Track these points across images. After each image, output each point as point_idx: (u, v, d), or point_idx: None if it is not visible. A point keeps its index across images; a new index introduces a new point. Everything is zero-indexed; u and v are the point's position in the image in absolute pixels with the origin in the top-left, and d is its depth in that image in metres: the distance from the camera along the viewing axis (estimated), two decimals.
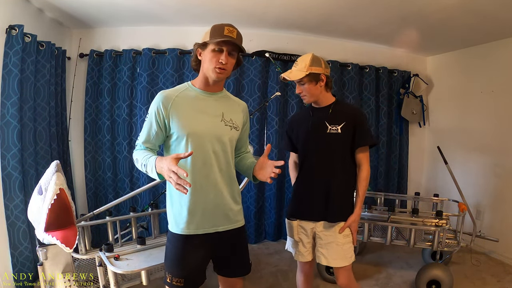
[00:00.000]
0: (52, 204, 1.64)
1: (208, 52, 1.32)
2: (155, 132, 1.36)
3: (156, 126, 1.35)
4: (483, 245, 3.22)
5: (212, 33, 1.31)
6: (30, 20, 2.47)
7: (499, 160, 3.18)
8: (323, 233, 1.73)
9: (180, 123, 1.33)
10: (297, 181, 1.85)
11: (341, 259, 1.70)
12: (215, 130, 1.38)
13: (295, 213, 1.81)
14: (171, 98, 1.34)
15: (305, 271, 1.88)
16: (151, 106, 1.37)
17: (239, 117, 1.47)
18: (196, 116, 1.36)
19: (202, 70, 1.37)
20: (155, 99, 1.36)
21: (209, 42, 1.31)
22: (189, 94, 1.38)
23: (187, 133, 1.33)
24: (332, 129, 1.69)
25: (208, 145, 1.35)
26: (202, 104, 1.38)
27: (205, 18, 3.01)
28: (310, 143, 1.75)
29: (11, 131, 2.24)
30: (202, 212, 1.38)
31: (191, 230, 1.38)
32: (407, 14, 2.69)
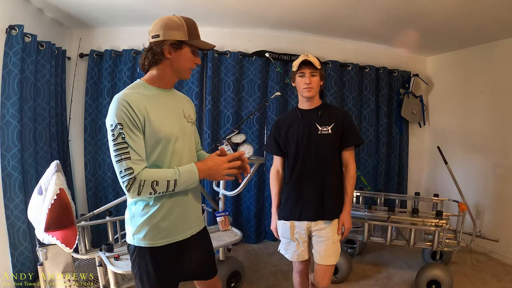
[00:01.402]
0: (52, 204, 1.65)
1: (186, 52, 1.22)
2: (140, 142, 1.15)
3: (140, 134, 1.14)
4: (483, 245, 3.22)
5: (190, 33, 1.21)
6: (30, 20, 2.47)
7: (499, 160, 3.18)
8: (320, 232, 1.76)
9: (155, 126, 1.17)
10: (289, 183, 1.81)
11: (335, 257, 1.76)
12: (183, 129, 1.29)
13: (290, 214, 1.81)
14: (139, 99, 1.16)
15: (302, 271, 1.88)
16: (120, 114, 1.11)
17: (192, 112, 1.41)
18: (167, 116, 1.24)
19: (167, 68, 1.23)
20: (119, 106, 1.11)
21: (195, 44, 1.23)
22: (150, 93, 1.23)
23: (164, 136, 1.19)
24: (323, 130, 1.74)
25: (182, 146, 1.27)
26: (164, 102, 1.26)
27: (205, 18, 3.01)
28: (301, 145, 1.76)
29: (11, 131, 2.24)
30: (181, 217, 1.28)
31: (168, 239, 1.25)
32: (407, 14, 2.69)
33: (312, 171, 1.75)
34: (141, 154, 1.14)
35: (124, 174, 1.10)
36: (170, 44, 1.19)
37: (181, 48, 1.21)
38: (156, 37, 1.20)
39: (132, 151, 1.11)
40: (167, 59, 1.21)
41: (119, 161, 1.11)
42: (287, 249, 1.86)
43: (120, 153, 1.11)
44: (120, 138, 1.11)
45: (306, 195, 1.76)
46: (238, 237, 2.41)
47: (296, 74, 1.76)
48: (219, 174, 1.24)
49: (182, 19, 1.21)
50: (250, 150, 2.39)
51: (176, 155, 1.24)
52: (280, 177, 1.91)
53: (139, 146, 1.14)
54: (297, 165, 1.78)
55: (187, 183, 1.19)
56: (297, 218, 1.78)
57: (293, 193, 1.79)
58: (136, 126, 1.13)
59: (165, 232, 1.24)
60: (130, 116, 1.11)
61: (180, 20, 1.21)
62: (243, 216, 3.47)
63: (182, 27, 1.20)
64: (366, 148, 3.72)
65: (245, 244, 3.43)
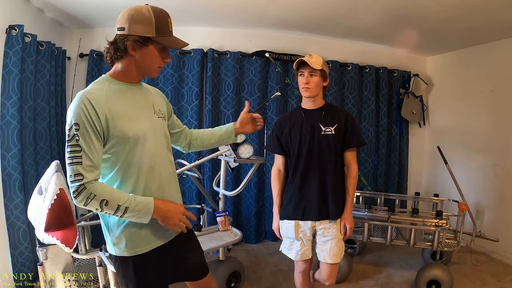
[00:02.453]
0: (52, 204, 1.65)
1: (152, 51, 1.11)
2: (96, 146, 1.04)
3: (96, 138, 1.04)
4: (483, 245, 3.22)
5: (158, 29, 1.08)
6: (30, 20, 2.47)
7: (499, 160, 3.18)
8: (324, 231, 1.78)
9: (122, 124, 1.08)
10: (292, 183, 1.81)
11: (340, 255, 1.78)
12: (155, 125, 1.20)
13: (293, 214, 1.80)
14: (103, 97, 1.07)
15: (305, 270, 1.87)
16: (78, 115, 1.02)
17: (163, 106, 1.32)
18: (135, 112, 1.14)
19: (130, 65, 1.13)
20: (79, 104, 1.02)
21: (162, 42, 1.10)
22: (116, 88, 1.13)
23: (133, 135, 1.10)
24: (326, 131, 1.75)
25: (152, 143, 1.18)
26: (132, 97, 1.16)
27: (205, 18, 3.02)
28: (304, 144, 1.76)
29: (11, 131, 2.23)
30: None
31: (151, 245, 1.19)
32: (407, 14, 2.69)
33: (314, 171, 1.76)
34: (95, 161, 1.04)
35: (74, 179, 1.02)
36: (134, 40, 1.07)
37: (147, 45, 1.09)
38: (121, 30, 1.09)
39: (84, 156, 1.02)
40: (131, 56, 1.11)
41: (70, 165, 1.02)
42: (290, 248, 1.85)
43: (71, 156, 1.02)
44: (74, 140, 1.02)
45: (309, 195, 1.76)
46: (238, 237, 2.42)
47: (298, 74, 1.80)
48: (171, 221, 1.15)
49: (151, 11, 1.08)
50: (250, 150, 2.39)
51: (146, 156, 1.15)
52: (282, 176, 1.90)
53: (94, 151, 1.04)
54: (299, 165, 1.78)
55: (139, 215, 1.08)
56: (300, 217, 1.79)
57: (296, 193, 1.79)
58: (94, 129, 1.03)
59: (146, 238, 1.18)
60: (89, 117, 1.02)
61: (148, 12, 1.07)
62: (243, 216, 3.47)
63: (149, 21, 1.07)
64: (366, 148, 3.72)
65: (245, 244, 3.43)
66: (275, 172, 1.90)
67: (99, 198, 1.02)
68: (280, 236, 1.90)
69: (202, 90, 3.30)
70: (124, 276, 1.20)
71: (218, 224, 2.53)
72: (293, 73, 3.42)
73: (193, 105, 3.22)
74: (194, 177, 2.73)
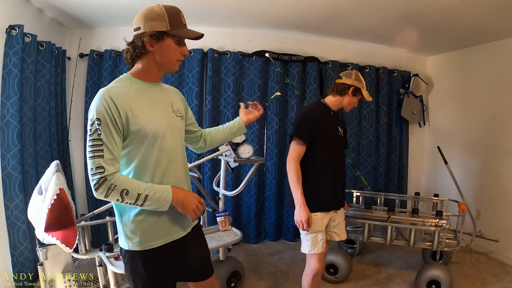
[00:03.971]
0: (52, 204, 1.65)
1: (169, 43, 1.15)
2: (116, 141, 1.09)
3: (116, 133, 1.09)
4: (483, 245, 3.22)
5: (172, 22, 1.14)
6: (30, 20, 2.47)
7: (499, 160, 3.18)
8: (336, 216, 2.02)
9: (142, 121, 1.13)
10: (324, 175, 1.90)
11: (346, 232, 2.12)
12: (172, 123, 1.25)
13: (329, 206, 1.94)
14: (124, 94, 1.12)
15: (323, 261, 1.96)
16: (100, 110, 1.06)
17: (181, 105, 1.36)
18: (153, 111, 1.18)
19: (151, 61, 1.18)
20: (100, 99, 1.08)
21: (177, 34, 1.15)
22: (137, 87, 1.18)
23: (151, 131, 1.15)
24: (341, 132, 2.03)
25: (170, 141, 1.22)
26: (152, 96, 1.21)
27: (205, 18, 3.02)
28: (333, 142, 1.96)
29: (11, 131, 2.24)
30: (173, 217, 1.23)
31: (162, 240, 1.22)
32: (407, 14, 2.69)
33: (337, 166, 1.97)
34: (115, 154, 1.09)
35: (95, 172, 1.06)
36: (150, 35, 1.12)
37: (163, 39, 1.14)
38: (138, 30, 1.14)
39: (106, 150, 1.07)
40: (150, 52, 1.16)
41: (92, 158, 1.06)
42: (315, 243, 1.86)
43: (93, 150, 1.06)
44: (96, 135, 1.06)
45: (335, 188, 1.96)
46: (238, 237, 2.41)
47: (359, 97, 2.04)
48: (189, 206, 1.18)
49: (163, 8, 1.14)
50: (250, 150, 2.39)
51: (163, 153, 1.19)
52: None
53: (114, 145, 1.08)
54: (331, 158, 1.92)
55: (158, 203, 1.11)
56: (330, 208, 1.95)
57: (327, 186, 1.91)
58: (115, 124, 1.08)
59: (158, 234, 1.21)
60: (110, 113, 1.07)
61: (161, 9, 1.14)
62: (243, 216, 3.47)
63: (163, 16, 1.13)
64: (366, 148, 3.72)
65: (245, 244, 3.43)
66: (297, 161, 1.86)
67: (120, 188, 1.06)
68: (307, 228, 1.82)
69: (202, 90, 3.30)
70: (132, 270, 1.21)
71: (218, 224, 2.53)
72: (293, 73, 3.43)
73: (193, 105, 3.22)
74: (194, 177, 2.73)
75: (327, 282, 2.62)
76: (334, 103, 2.01)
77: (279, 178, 3.47)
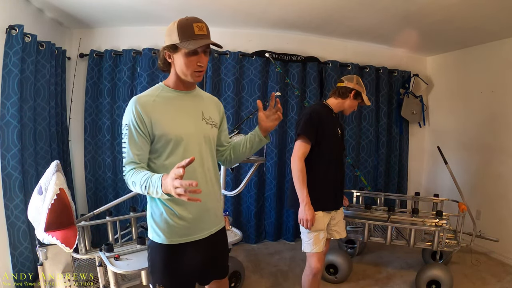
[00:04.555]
0: (52, 204, 1.65)
1: (181, 56, 1.21)
2: (141, 144, 1.21)
3: (141, 137, 1.21)
4: (483, 245, 3.22)
5: (182, 34, 1.18)
6: (30, 20, 2.47)
7: (499, 160, 3.18)
8: (336, 215, 2.06)
9: (165, 127, 1.22)
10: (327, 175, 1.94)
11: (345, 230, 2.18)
12: (200, 130, 1.31)
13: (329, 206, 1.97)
14: (149, 102, 1.23)
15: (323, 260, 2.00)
16: (128, 117, 1.21)
17: (215, 113, 1.41)
18: (179, 117, 1.27)
19: (175, 72, 1.27)
20: (130, 108, 1.21)
21: (181, 46, 1.18)
22: (166, 95, 1.28)
23: (174, 137, 1.23)
24: (340, 134, 2.06)
25: (196, 146, 1.28)
26: (181, 104, 1.30)
27: (205, 18, 2.98)
28: (335, 143, 2.00)
29: (11, 131, 2.24)
30: (198, 217, 1.30)
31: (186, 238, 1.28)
32: (407, 14, 2.69)
33: (339, 167, 2.02)
34: (136, 157, 1.20)
35: (123, 169, 1.22)
36: (166, 49, 1.24)
37: (176, 51, 1.22)
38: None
39: (128, 152, 1.20)
40: (171, 64, 1.27)
41: (122, 157, 1.22)
42: (317, 242, 1.90)
43: (122, 151, 1.22)
44: (124, 138, 1.21)
45: (337, 188, 2.01)
46: (238, 237, 2.42)
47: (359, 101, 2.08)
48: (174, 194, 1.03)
49: (176, 22, 1.21)
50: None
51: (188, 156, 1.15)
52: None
53: (137, 147, 1.20)
54: (333, 159, 1.96)
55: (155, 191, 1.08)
56: (335, 207, 2.01)
57: (331, 184, 1.96)
58: (139, 129, 1.20)
59: (183, 231, 1.28)
60: (135, 119, 1.19)
61: (174, 24, 1.21)
62: (243, 216, 3.47)
63: (174, 31, 1.20)
64: (366, 148, 3.72)
65: (245, 244, 3.43)
66: (302, 159, 1.87)
67: (130, 181, 1.18)
68: (310, 227, 1.85)
69: (202, 90, 3.30)
70: (153, 262, 1.30)
71: None
72: (293, 73, 3.43)
73: None
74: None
75: (327, 282, 2.63)
76: (336, 105, 2.06)
77: (279, 178, 3.47)
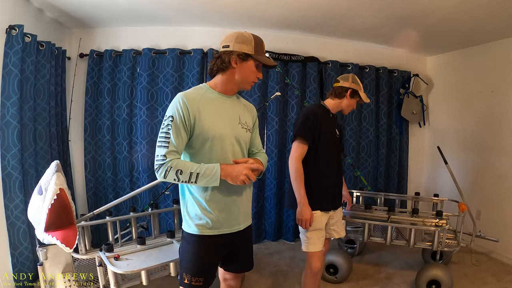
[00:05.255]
0: (52, 204, 1.65)
1: (250, 65, 1.37)
2: (183, 136, 1.31)
3: (184, 130, 1.30)
4: (483, 245, 3.22)
5: (256, 48, 1.36)
6: (30, 20, 2.47)
7: (499, 160, 3.18)
8: (334, 214, 2.07)
9: (206, 125, 1.32)
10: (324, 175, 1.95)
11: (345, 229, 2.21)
12: (235, 133, 1.41)
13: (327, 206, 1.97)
14: (196, 100, 1.33)
15: (323, 260, 2.01)
16: (174, 109, 1.30)
17: (249, 119, 1.52)
18: (219, 118, 1.37)
19: (232, 77, 1.39)
20: (177, 101, 1.31)
21: (259, 59, 1.36)
22: (210, 96, 1.39)
23: (213, 136, 1.33)
24: (337, 134, 2.07)
25: (229, 147, 1.39)
26: (222, 106, 1.40)
27: (205, 18, 3.02)
28: (333, 143, 2.00)
29: (11, 131, 2.24)
30: (229, 212, 1.41)
31: (217, 230, 1.39)
32: (407, 14, 2.69)
33: (336, 167, 2.03)
34: (178, 147, 1.29)
35: (158, 158, 1.28)
36: (237, 55, 1.34)
37: (247, 60, 1.36)
38: (226, 47, 1.36)
39: (171, 143, 1.28)
40: (232, 68, 1.37)
41: (159, 147, 1.29)
42: (316, 241, 1.92)
43: (162, 140, 1.29)
44: (167, 128, 1.29)
45: (335, 188, 2.04)
46: None
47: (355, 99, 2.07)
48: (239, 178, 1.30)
49: (251, 36, 1.37)
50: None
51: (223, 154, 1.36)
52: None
53: (179, 140, 1.29)
54: (330, 159, 1.97)
55: (209, 178, 1.28)
56: (331, 208, 2.00)
57: (329, 185, 1.97)
58: (184, 123, 1.29)
59: (213, 224, 1.37)
60: (182, 112, 1.28)
61: (249, 36, 1.37)
62: None
63: (250, 42, 1.35)
64: (366, 148, 3.72)
65: None
66: (300, 160, 1.89)
67: (175, 169, 1.26)
68: (308, 226, 1.87)
69: None
70: (183, 250, 1.42)
71: None
72: (293, 73, 3.43)
73: None
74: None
75: (327, 282, 2.63)
76: (333, 106, 2.07)
77: (279, 178, 3.47)
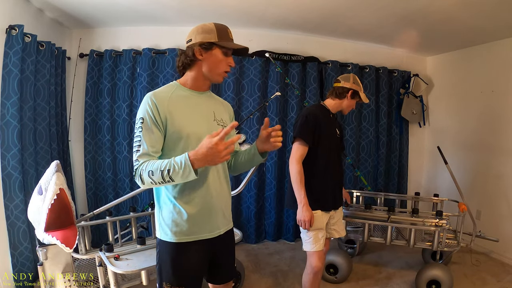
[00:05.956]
0: (52, 204, 1.65)
1: (217, 53, 1.27)
2: (157, 137, 1.22)
3: (157, 130, 1.21)
4: (483, 245, 3.22)
5: (219, 35, 1.27)
6: (30, 20, 2.47)
7: (499, 160, 3.18)
8: (335, 214, 2.07)
9: (179, 124, 1.24)
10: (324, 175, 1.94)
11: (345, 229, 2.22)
12: (211, 130, 1.27)
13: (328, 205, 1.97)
14: (166, 98, 1.25)
15: (323, 259, 2.00)
16: (144, 110, 1.22)
17: (225, 115, 1.43)
18: (193, 116, 1.29)
19: (199, 70, 1.30)
20: (146, 102, 1.23)
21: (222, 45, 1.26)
22: (181, 93, 1.30)
23: (187, 134, 1.25)
24: (338, 134, 2.08)
25: None
26: (195, 103, 1.32)
27: (205, 18, 3.01)
28: (333, 143, 2.00)
29: (11, 131, 2.24)
30: (207, 215, 1.31)
31: (193, 236, 1.29)
32: (407, 14, 2.69)
33: (337, 167, 2.03)
34: (151, 148, 1.20)
35: (134, 164, 1.20)
36: (200, 45, 1.26)
37: (211, 49, 1.27)
38: (189, 41, 1.29)
39: (143, 145, 1.19)
40: (199, 61, 1.28)
41: (133, 152, 1.21)
42: (317, 240, 1.91)
43: (134, 145, 1.21)
44: (138, 131, 1.21)
45: (336, 188, 2.03)
46: (238, 237, 2.41)
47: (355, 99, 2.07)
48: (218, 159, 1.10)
49: (213, 24, 1.28)
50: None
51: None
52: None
53: (153, 141, 1.20)
54: (331, 159, 1.97)
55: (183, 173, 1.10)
56: (331, 208, 2.00)
57: (330, 185, 1.97)
58: (155, 122, 1.20)
59: (190, 229, 1.28)
60: (152, 113, 1.20)
61: (211, 24, 1.28)
62: (243, 216, 3.47)
63: (212, 30, 1.27)
64: (366, 148, 3.72)
65: (245, 244, 3.43)
66: (300, 161, 1.89)
67: (146, 171, 1.15)
68: (309, 227, 1.87)
69: None
70: (160, 259, 1.31)
71: None
72: (293, 73, 3.43)
73: None
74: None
75: (327, 282, 2.62)
76: (334, 106, 2.07)
77: (279, 178, 3.47)
